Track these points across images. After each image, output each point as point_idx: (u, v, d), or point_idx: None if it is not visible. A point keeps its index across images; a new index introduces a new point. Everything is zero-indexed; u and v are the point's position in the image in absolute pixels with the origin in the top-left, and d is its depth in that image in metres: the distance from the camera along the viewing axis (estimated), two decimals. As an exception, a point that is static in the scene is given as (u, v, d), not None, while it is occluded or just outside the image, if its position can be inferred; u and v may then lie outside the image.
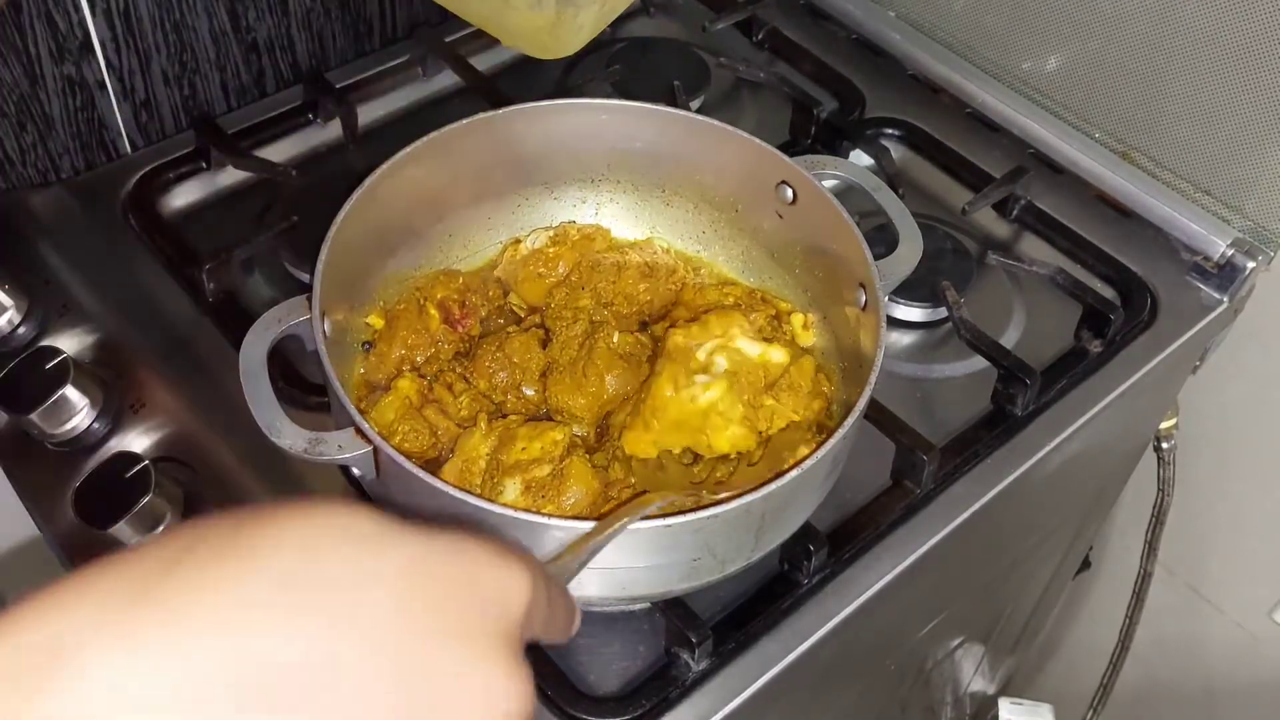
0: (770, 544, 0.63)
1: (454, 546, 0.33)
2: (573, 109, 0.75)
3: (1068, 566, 1.21)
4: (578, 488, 0.63)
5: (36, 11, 0.81)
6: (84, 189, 0.90)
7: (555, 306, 0.75)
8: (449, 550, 0.33)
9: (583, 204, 0.80)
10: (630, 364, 0.72)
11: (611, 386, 0.71)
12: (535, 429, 0.66)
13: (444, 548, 0.33)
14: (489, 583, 0.34)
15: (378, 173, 0.68)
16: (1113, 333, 0.84)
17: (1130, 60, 0.92)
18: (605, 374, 0.71)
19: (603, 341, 0.72)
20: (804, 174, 0.71)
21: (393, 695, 0.29)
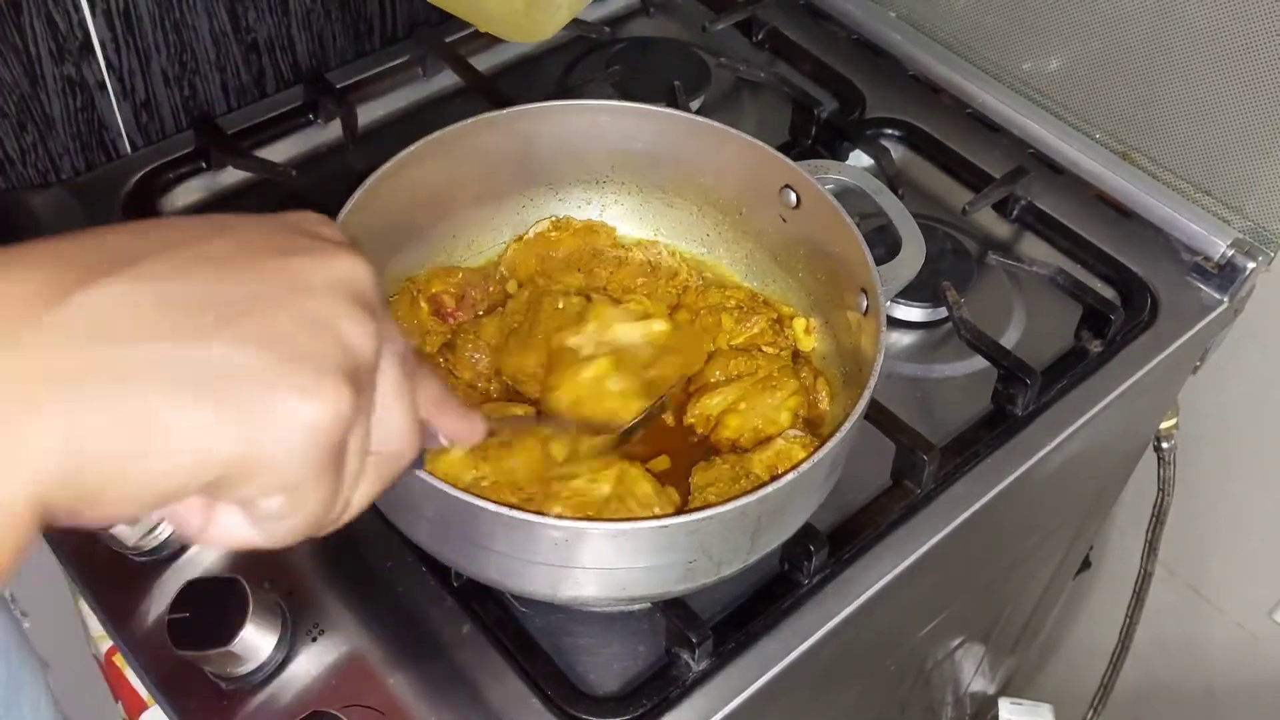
0: (767, 546, 0.63)
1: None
2: (577, 109, 0.75)
3: (1068, 566, 1.21)
4: (521, 459, 0.63)
5: (36, 11, 0.81)
6: (84, 189, 0.90)
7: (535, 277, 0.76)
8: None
9: (587, 205, 0.80)
10: (577, 323, 0.73)
11: (561, 345, 0.72)
12: (501, 407, 0.66)
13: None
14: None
15: (380, 171, 0.68)
16: (1113, 333, 0.84)
17: (1130, 60, 0.92)
18: (550, 334, 0.72)
19: (548, 304, 0.73)
20: (808, 178, 0.71)
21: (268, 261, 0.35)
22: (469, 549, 0.60)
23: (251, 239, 0.36)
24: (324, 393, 0.33)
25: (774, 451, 0.67)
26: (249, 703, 0.64)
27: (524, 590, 0.63)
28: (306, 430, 0.33)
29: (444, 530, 0.61)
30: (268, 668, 0.64)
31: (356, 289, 0.36)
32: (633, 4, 1.11)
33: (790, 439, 0.68)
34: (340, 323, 0.35)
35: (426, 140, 0.70)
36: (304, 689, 0.64)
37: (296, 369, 0.33)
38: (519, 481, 0.64)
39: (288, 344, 0.33)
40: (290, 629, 0.65)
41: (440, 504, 0.57)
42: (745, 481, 0.65)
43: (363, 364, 0.35)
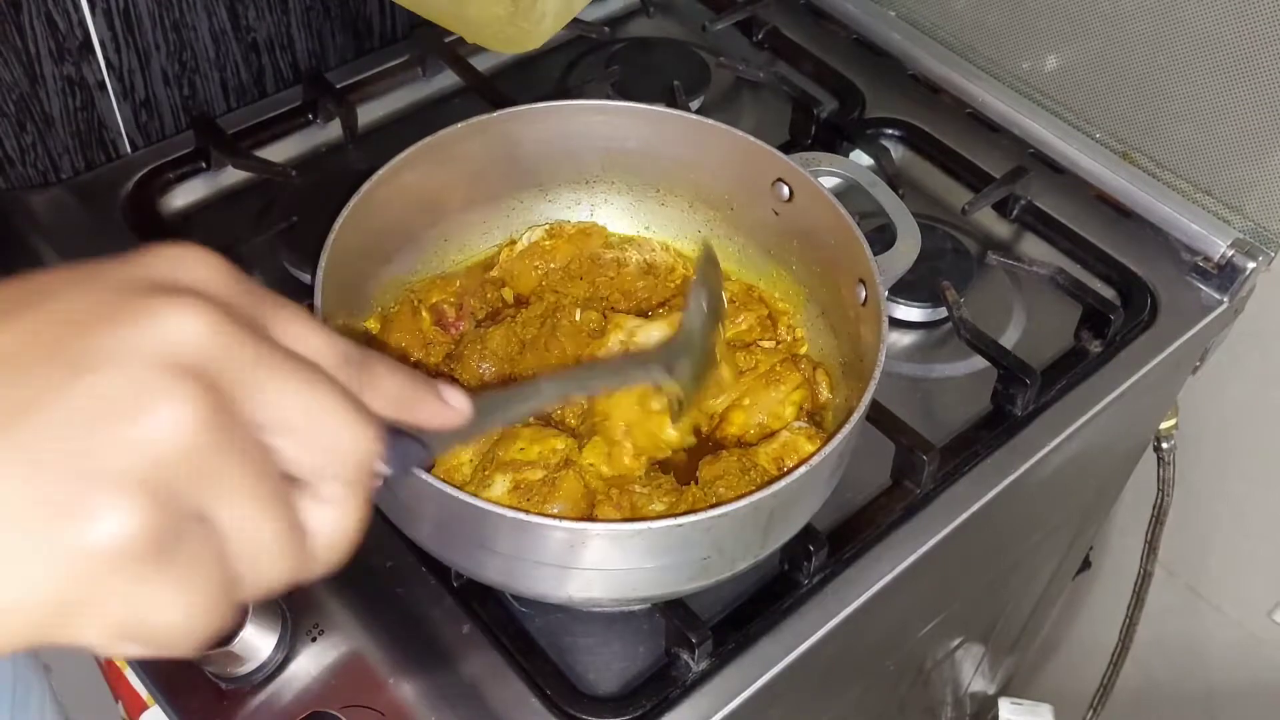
0: (778, 541, 0.63)
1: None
2: (567, 110, 0.75)
3: (1068, 566, 1.21)
4: (565, 501, 0.63)
5: (36, 11, 0.81)
6: (84, 189, 0.90)
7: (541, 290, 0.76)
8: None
9: (577, 205, 0.80)
10: (596, 339, 0.73)
11: (580, 361, 0.72)
12: (539, 433, 0.66)
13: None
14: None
15: (373, 179, 0.68)
16: (1113, 333, 0.84)
17: (1130, 60, 0.92)
18: (569, 348, 0.72)
19: (565, 318, 0.72)
20: (800, 171, 0.71)
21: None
22: (473, 550, 0.60)
23: (55, 313, 0.30)
24: (107, 503, 0.28)
25: (780, 444, 0.67)
26: (249, 703, 0.64)
27: (531, 592, 0.63)
28: (86, 558, 0.28)
29: (446, 531, 0.61)
30: (268, 668, 0.64)
31: (173, 351, 0.30)
32: (633, 4, 1.11)
33: (795, 431, 0.68)
34: (134, 404, 0.29)
35: (417, 146, 0.70)
36: (304, 689, 0.64)
37: (64, 485, 0.28)
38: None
39: (55, 454, 0.28)
40: (290, 629, 0.65)
41: (442, 505, 0.57)
42: (754, 474, 0.65)
43: (175, 442, 0.29)
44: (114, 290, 0.31)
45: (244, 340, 0.31)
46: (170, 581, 0.29)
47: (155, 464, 0.29)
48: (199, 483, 0.30)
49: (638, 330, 0.73)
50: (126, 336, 0.29)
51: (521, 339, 0.72)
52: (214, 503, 0.30)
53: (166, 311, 0.30)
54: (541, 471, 0.64)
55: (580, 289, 0.77)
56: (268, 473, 0.32)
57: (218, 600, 0.31)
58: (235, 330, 0.31)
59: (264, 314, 0.34)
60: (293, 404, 0.32)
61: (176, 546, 0.29)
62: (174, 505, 0.29)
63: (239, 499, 0.31)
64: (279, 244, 0.84)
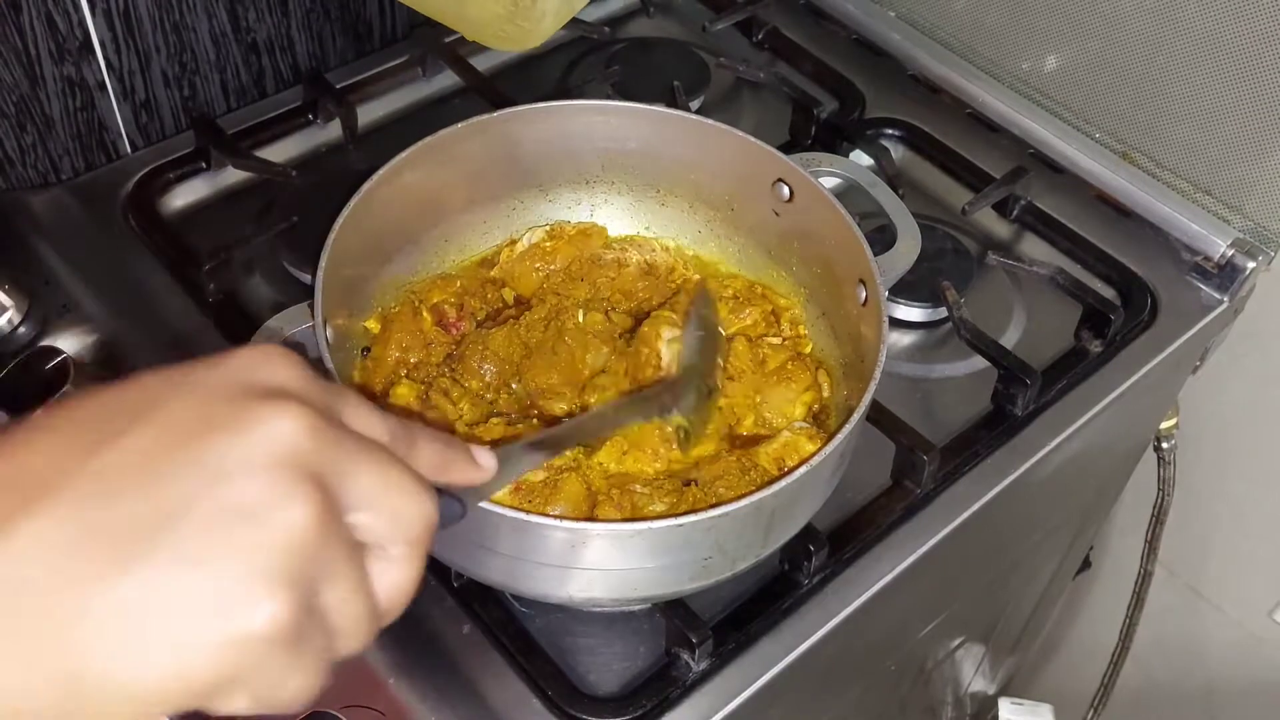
0: (779, 540, 0.63)
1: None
2: (567, 110, 0.75)
3: (1068, 566, 1.21)
4: (566, 503, 0.63)
5: (36, 12, 0.81)
6: (84, 189, 0.90)
7: (543, 292, 0.76)
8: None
9: (577, 205, 0.80)
10: (602, 340, 0.73)
11: (586, 363, 0.72)
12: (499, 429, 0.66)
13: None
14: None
15: (373, 179, 0.68)
16: (1113, 333, 0.84)
17: (1130, 60, 0.92)
18: (576, 351, 0.71)
19: (570, 320, 0.72)
20: (800, 171, 0.71)
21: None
22: (474, 550, 0.60)
23: (170, 422, 0.34)
24: (250, 602, 0.32)
25: (780, 444, 0.67)
26: (249, 703, 0.64)
27: (531, 592, 0.63)
28: (244, 644, 0.32)
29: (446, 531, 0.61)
30: None
31: (285, 453, 0.34)
32: (633, 4, 1.11)
33: (796, 430, 0.68)
34: (265, 507, 0.33)
35: (417, 147, 0.70)
36: (304, 689, 0.64)
37: (221, 582, 0.32)
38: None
39: (209, 555, 0.32)
40: None
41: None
42: (754, 474, 0.65)
43: (301, 537, 0.33)
44: (216, 398, 0.34)
45: (331, 434, 0.35)
46: (300, 660, 0.34)
47: (291, 558, 0.33)
48: (320, 570, 0.34)
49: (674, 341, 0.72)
50: (244, 444, 0.33)
51: (525, 342, 0.72)
52: (324, 586, 0.34)
53: (269, 416, 0.34)
54: (543, 473, 0.64)
55: (581, 290, 0.77)
56: (358, 553, 0.36)
57: (324, 669, 0.35)
58: (324, 426, 0.35)
59: (334, 401, 0.37)
60: (369, 482, 0.36)
61: (308, 629, 0.34)
62: (307, 592, 0.33)
63: (344, 581, 0.35)
64: (279, 244, 0.84)
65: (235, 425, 0.33)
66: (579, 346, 0.72)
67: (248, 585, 0.32)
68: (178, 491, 0.32)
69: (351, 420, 0.38)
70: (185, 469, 0.33)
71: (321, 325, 0.61)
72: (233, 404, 0.34)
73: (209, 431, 0.33)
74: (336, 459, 0.35)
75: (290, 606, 0.32)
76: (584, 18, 1.05)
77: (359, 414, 0.38)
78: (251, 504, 0.32)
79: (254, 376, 0.35)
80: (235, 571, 0.32)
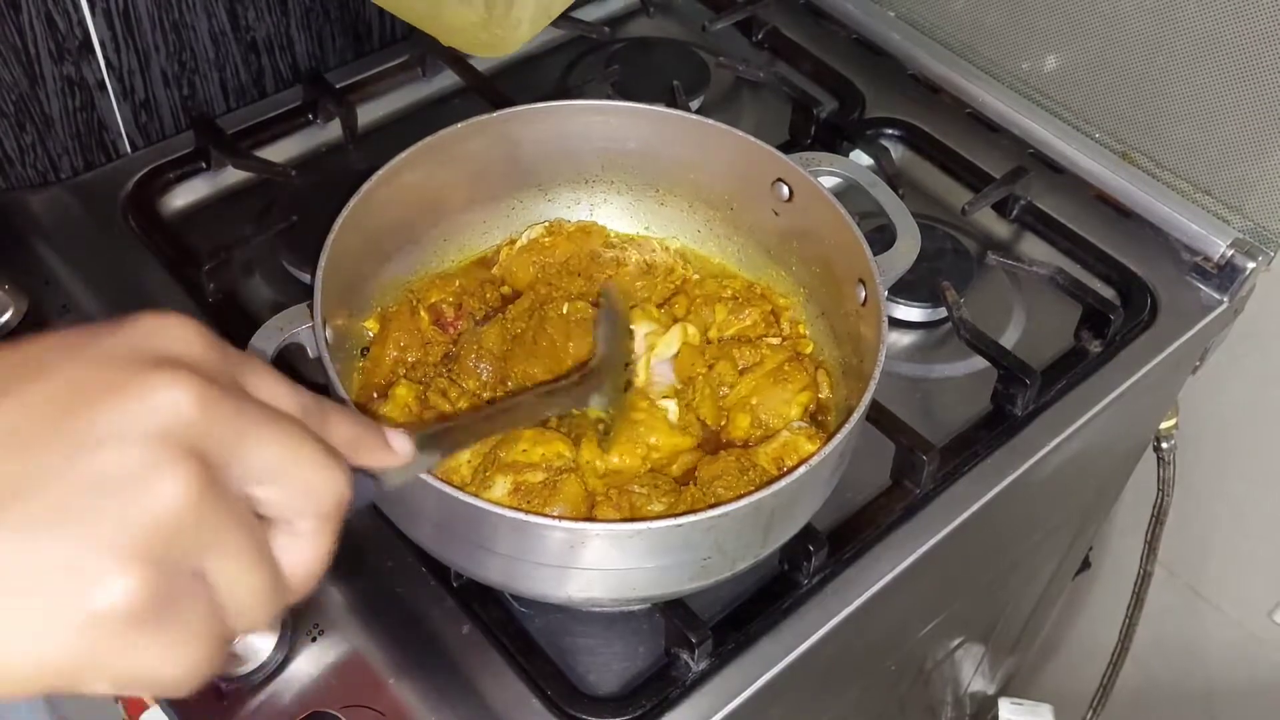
0: (778, 540, 0.63)
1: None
2: (567, 110, 0.75)
3: (1068, 566, 1.21)
4: (566, 504, 0.63)
5: (36, 11, 0.81)
6: (84, 189, 0.90)
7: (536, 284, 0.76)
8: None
9: (577, 205, 0.80)
10: (586, 330, 0.73)
11: (569, 353, 0.72)
12: (542, 435, 0.66)
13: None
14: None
15: (373, 179, 0.68)
16: (1113, 333, 0.84)
17: (1130, 60, 0.92)
18: (558, 340, 0.72)
19: (553, 311, 0.73)
20: (800, 170, 0.71)
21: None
22: (473, 550, 0.60)
23: (54, 386, 0.32)
24: (111, 572, 0.30)
25: (780, 444, 0.67)
26: (249, 703, 0.64)
27: (531, 592, 0.63)
28: (97, 621, 0.30)
29: (446, 531, 0.61)
30: (268, 668, 0.64)
31: (165, 424, 0.32)
32: (633, 4, 1.11)
33: (795, 430, 0.68)
34: (133, 479, 0.31)
35: (417, 147, 0.70)
36: (304, 689, 0.64)
37: (75, 554, 0.30)
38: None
39: (65, 524, 0.30)
40: (290, 629, 0.65)
41: (442, 505, 0.57)
42: (753, 474, 0.65)
43: (168, 512, 0.31)
44: (105, 364, 0.33)
45: (227, 404, 0.34)
46: (169, 638, 0.32)
47: (155, 534, 0.31)
48: (194, 547, 0.32)
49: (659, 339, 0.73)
50: (122, 413, 0.32)
51: (511, 333, 0.73)
52: (207, 563, 0.33)
53: (156, 386, 0.32)
54: (543, 474, 0.64)
55: (577, 285, 0.77)
56: (252, 527, 0.35)
57: (213, 648, 0.33)
58: (219, 396, 0.33)
59: (239, 371, 0.36)
60: (273, 455, 0.35)
61: (174, 607, 0.32)
62: (171, 570, 0.32)
63: (230, 557, 0.33)
64: (279, 244, 0.84)
65: (119, 393, 0.32)
66: (560, 335, 0.72)
67: (101, 559, 0.30)
68: (48, 458, 0.31)
69: (258, 391, 0.36)
70: (60, 435, 0.31)
71: (321, 325, 0.61)
72: (122, 371, 0.33)
73: (92, 398, 0.32)
74: (232, 431, 0.34)
75: (147, 584, 0.31)
76: (584, 18, 1.05)
77: (266, 385, 0.37)
78: (120, 475, 0.31)
79: (150, 343, 0.34)
80: (90, 544, 0.30)
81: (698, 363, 0.72)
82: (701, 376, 0.72)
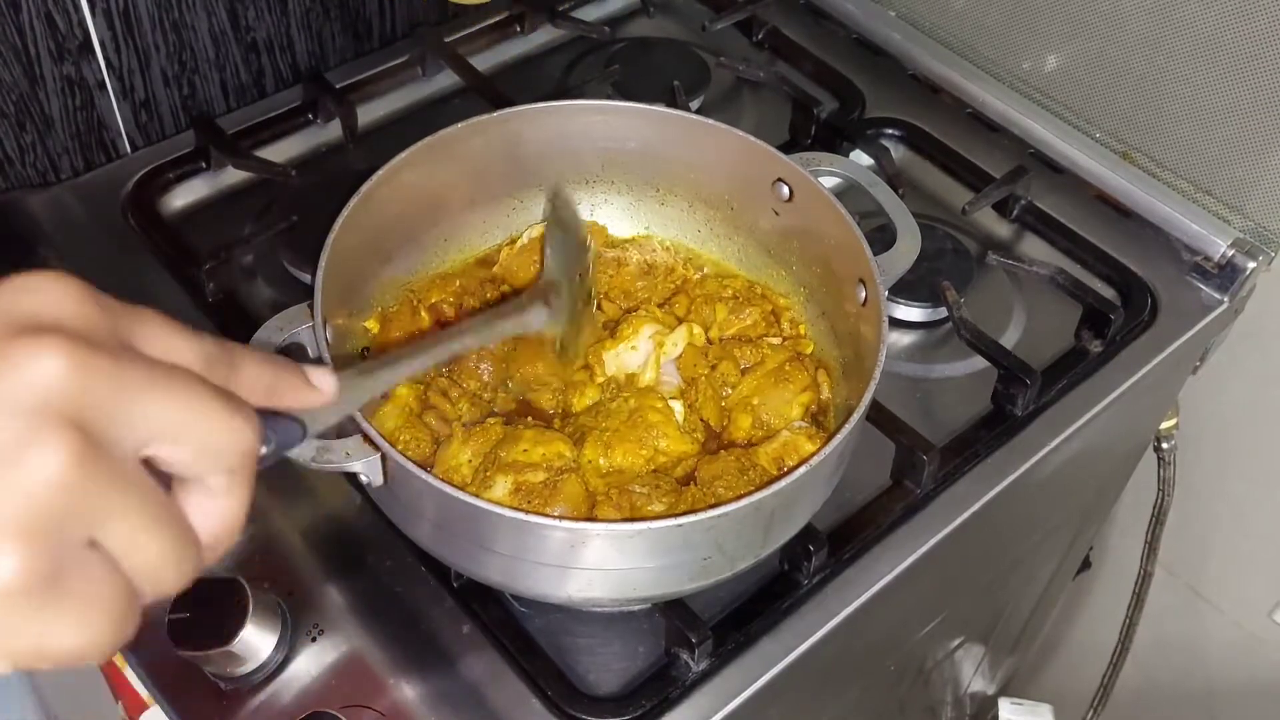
0: (779, 540, 0.63)
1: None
2: (567, 110, 0.75)
3: (1068, 566, 1.21)
4: (566, 504, 0.63)
5: (36, 11, 0.81)
6: (84, 189, 0.90)
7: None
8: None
9: (578, 205, 0.80)
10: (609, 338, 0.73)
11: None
12: (543, 435, 0.66)
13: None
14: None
15: (373, 179, 0.68)
16: (1113, 333, 0.84)
17: (1130, 60, 0.92)
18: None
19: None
20: (800, 170, 0.71)
21: None
22: (473, 550, 0.60)
23: None
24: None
25: (780, 444, 0.67)
26: (249, 703, 0.64)
27: (530, 592, 0.63)
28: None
29: (446, 531, 0.61)
30: (268, 668, 0.64)
31: (38, 395, 0.31)
32: (633, 4, 1.11)
33: (795, 430, 0.68)
34: (6, 455, 0.30)
35: (417, 146, 0.70)
36: (304, 689, 0.64)
37: None
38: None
39: None
40: (290, 629, 0.65)
41: (442, 505, 0.57)
42: (753, 473, 0.65)
43: (47, 484, 0.31)
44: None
45: (105, 365, 0.32)
46: (65, 610, 0.31)
47: (34, 509, 0.30)
48: (80, 517, 0.31)
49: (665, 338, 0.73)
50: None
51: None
52: (100, 531, 0.32)
53: (27, 356, 0.31)
54: (543, 474, 0.64)
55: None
56: (147, 490, 0.33)
57: (118, 615, 0.33)
58: (97, 360, 0.32)
59: (125, 328, 0.35)
60: (165, 413, 0.34)
61: (66, 578, 0.31)
62: (56, 542, 0.31)
63: (123, 523, 0.32)
64: (279, 244, 0.84)
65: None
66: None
67: None
68: None
69: (149, 345, 0.35)
70: None
71: (321, 325, 0.61)
72: (4, 338, 0.31)
73: None
74: (113, 393, 0.32)
75: (31, 559, 0.30)
76: (584, 18, 1.05)
77: (158, 338, 0.35)
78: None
79: (18, 309, 0.33)
80: None
81: (700, 363, 0.72)
82: (704, 377, 0.71)
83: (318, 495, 0.73)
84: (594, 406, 0.70)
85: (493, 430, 0.67)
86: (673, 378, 0.72)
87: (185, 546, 0.35)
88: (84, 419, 0.32)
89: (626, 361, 0.72)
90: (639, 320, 0.73)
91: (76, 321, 0.33)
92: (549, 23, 1.04)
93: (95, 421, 0.32)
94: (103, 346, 0.33)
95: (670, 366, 0.73)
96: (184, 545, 0.34)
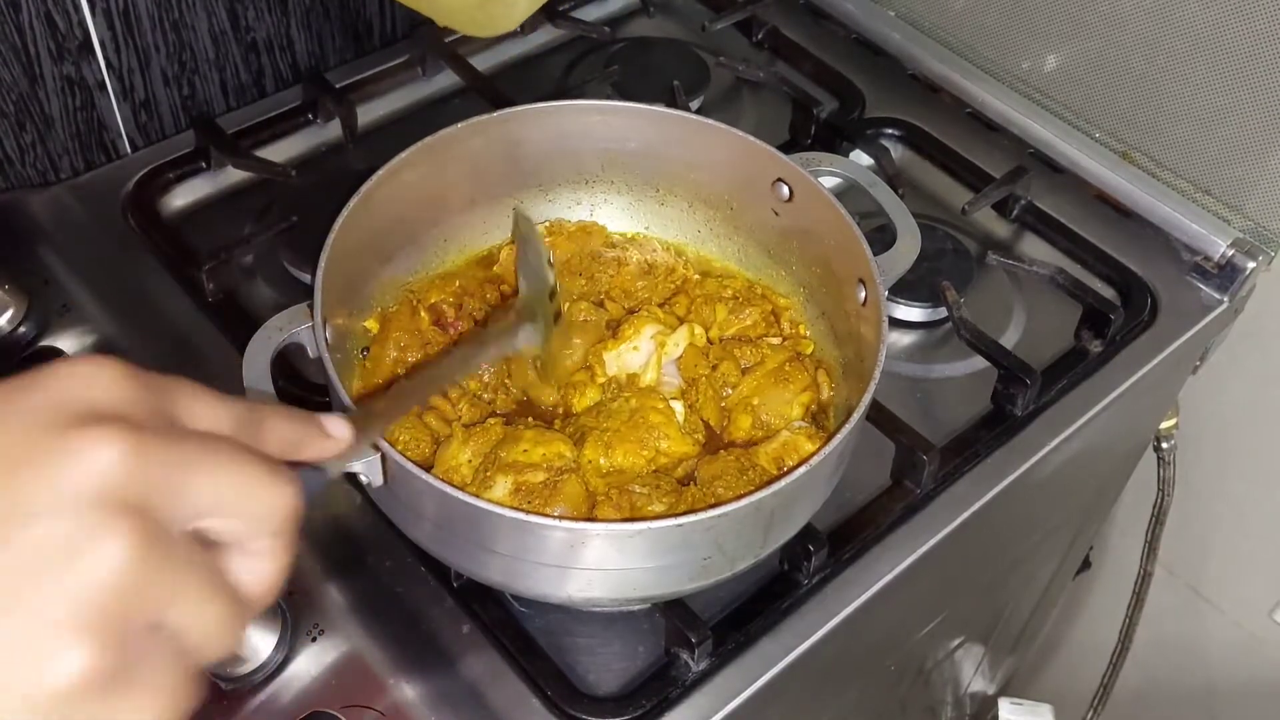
0: (779, 540, 0.63)
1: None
2: (567, 110, 0.75)
3: (1068, 566, 1.21)
4: (566, 504, 0.63)
5: (36, 11, 0.81)
6: (84, 189, 0.90)
7: None
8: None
9: (577, 205, 0.80)
10: (589, 330, 0.73)
11: (573, 354, 0.72)
12: (543, 435, 0.66)
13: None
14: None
15: (373, 179, 0.68)
16: (1113, 333, 0.84)
17: (1130, 60, 0.92)
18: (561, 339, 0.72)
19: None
20: (800, 171, 0.71)
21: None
22: (473, 550, 0.60)
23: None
24: (62, 649, 0.30)
25: (780, 443, 0.67)
26: (249, 703, 0.64)
27: (530, 592, 0.63)
28: (55, 697, 0.31)
29: (446, 531, 0.61)
30: (268, 668, 0.64)
31: (98, 486, 0.31)
32: (633, 4, 1.11)
33: (795, 430, 0.68)
34: (74, 549, 0.31)
35: (417, 146, 0.70)
36: (304, 689, 0.64)
37: (26, 632, 0.30)
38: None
39: (13, 604, 0.30)
40: (290, 629, 0.65)
41: (442, 505, 0.57)
42: (753, 473, 0.65)
43: (114, 576, 0.31)
44: (31, 429, 0.32)
45: (159, 449, 0.33)
46: (133, 696, 0.32)
47: (101, 601, 0.31)
48: (145, 602, 0.32)
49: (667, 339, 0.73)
50: (51, 482, 0.31)
51: None
52: (162, 613, 0.33)
53: (83, 447, 0.32)
54: (544, 474, 0.64)
55: (578, 285, 0.77)
56: (202, 565, 0.34)
57: (181, 687, 0.34)
58: (150, 442, 0.33)
59: (169, 403, 0.36)
60: (215, 487, 0.35)
61: (134, 665, 0.32)
62: (122, 631, 0.32)
63: (183, 601, 0.33)
64: (279, 244, 0.84)
65: (46, 461, 0.32)
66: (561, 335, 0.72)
67: (50, 637, 0.30)
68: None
69: (188, 417, 0.36)
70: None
71: (321, 325, 0.61)
72: (45, 435, 0.32)
73: (19, 469, 0.31)
74: (169, 475, 0.33)
75: (100, 652, 0.31)
76: (584, 18, 1.05)
77: (196, 409, 0.36)
78: (59, 547, 0.31)
79: (70, 398, 0.33)
80: (37, 624, 0.30)
81: (701, 364, 0.72)
82: (705, 377, 0.71)
83: (318, 495, 0.73)
84: (595, 407, 0.70)
85: (493, 430, 0.67)
86: (674, 378, 0.72)
87: (238, 613, 0.36)
88: (142, 503, 0.32)
89: (628, 362, 0.72)
90: (641, 320, 0.73)
91: (126, 406, 0.34)
92: (549, 23, 1.04)
93: (152, 504, 0.33)
94: (153, 429, 0.34)
95: (671, 367, 0.73)
96: (237, 611, 0.35)
